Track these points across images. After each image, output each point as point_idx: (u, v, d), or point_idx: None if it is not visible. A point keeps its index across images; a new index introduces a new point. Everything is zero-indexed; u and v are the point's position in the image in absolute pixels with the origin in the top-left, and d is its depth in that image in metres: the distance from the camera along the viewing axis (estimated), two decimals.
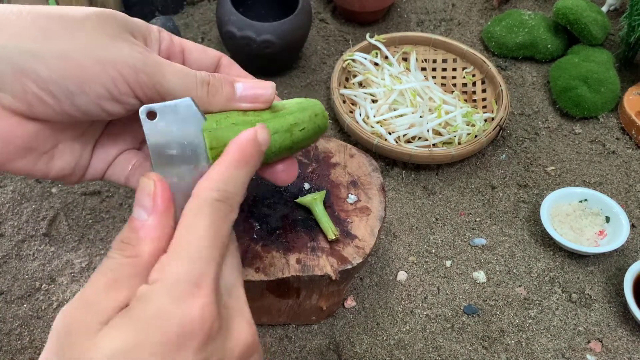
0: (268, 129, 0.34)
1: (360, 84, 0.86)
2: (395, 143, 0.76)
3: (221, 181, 0.30)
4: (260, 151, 0.33)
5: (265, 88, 0.36)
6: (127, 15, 0.34)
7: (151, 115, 0.31)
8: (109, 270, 0.28)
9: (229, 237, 0.31)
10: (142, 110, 0.31)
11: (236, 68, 0.40)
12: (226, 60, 0.39)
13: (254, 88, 0.35)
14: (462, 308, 0.65)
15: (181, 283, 0.27)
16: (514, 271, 0.68)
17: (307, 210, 0.54)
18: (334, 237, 0.51)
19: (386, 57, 0.87)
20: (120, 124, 0.37)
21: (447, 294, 0.66)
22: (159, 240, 0.29)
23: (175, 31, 0.82)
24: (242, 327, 0.29)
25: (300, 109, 0.38)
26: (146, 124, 0.31)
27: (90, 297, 0.27)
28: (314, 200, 0.53)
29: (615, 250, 0.68)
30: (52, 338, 0.27)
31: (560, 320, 0.64)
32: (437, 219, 0.73)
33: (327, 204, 0.55)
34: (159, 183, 0.30)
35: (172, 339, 0.25)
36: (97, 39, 0.31)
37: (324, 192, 0.54)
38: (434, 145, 0.77)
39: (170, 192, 0.30)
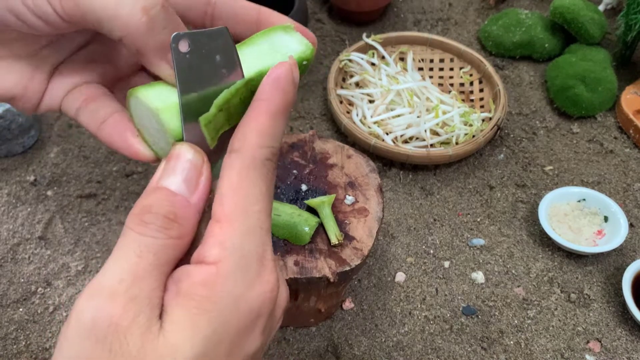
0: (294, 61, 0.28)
1: (357, 85, 0.85)
2: (392, 143, 0.75)
3: (269, 136, 0.26)
4: (295, 92, 0.28)
5: None
6: None
7: (182, 44, 0.27)
8: (150, 254, 0.23)
9: None
10: (173, 38, 0.27)
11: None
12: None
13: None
14: (460, 309, 0.64)
15: (250, 262, 0.24)
16: (513, 271, 0.68)
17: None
18: (337, 242, 0.51)
19: (383, 57, 0.87)
20: (87, 55, 0.33)
21: (445, 295, 0.66)
22: (196, 224, 0.26)
23: None
24: (283, 288, 0.28)
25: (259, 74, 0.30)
26: (176, 53, 0.27)
27: (135, 288, 0.23)
28: (323, 204, 0.53)
29: (614, 250, 0.68)
30: (90, 340, 0.22)
31: (559, 320, 0.64)
32: (435, 220, 0.73)
33: None
34: (207, 164, 0.27)
35: (248, 323, 0.24)
36: None
37: (333, 196, 0.54)
38: (431, 145, 0.76)
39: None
